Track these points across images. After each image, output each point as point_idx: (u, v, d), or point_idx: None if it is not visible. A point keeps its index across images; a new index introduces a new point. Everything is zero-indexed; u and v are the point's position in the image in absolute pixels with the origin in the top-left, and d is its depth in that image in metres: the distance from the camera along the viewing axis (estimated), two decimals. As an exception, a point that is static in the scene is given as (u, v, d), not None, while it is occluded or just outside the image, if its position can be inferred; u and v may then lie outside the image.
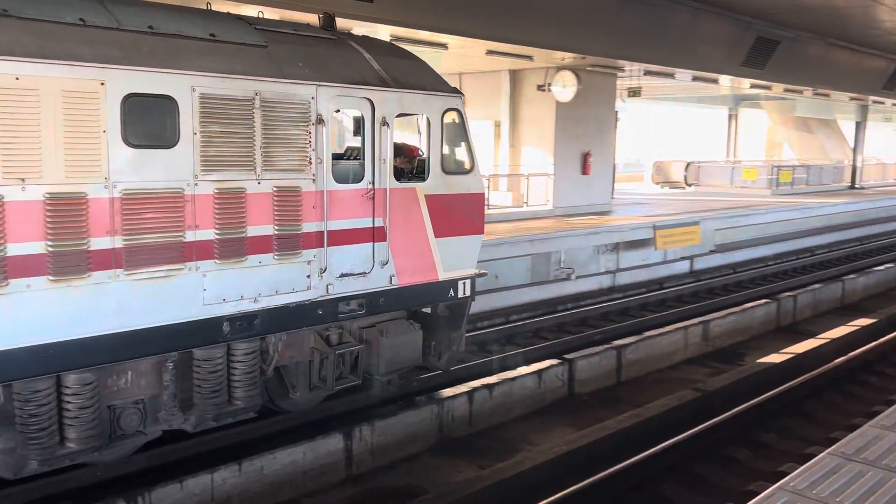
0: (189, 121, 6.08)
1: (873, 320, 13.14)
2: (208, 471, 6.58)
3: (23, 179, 5.31)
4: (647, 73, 19.31)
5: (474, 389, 8.69)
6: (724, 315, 12.53)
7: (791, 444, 8.34)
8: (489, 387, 8.82)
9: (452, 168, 8.20)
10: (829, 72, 23.07)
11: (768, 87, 24.75)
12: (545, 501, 6.45)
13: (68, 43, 5.55)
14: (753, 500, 4.31)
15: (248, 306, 6.57)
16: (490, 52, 15.55)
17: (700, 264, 18.20)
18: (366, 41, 8.03)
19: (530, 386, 9.28)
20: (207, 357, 6.49)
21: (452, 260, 8.20)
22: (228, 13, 7.20)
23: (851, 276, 16.53)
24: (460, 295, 8.35)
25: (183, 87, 6.03)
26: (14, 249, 5.29)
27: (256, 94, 6.44)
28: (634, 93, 20.79)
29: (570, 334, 12.07)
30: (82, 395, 5.84)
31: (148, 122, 5.92)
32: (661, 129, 52.60)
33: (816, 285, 15.30)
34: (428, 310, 8.38)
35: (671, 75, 20.16)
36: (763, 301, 13.65)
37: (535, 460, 7.27)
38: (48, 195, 5.42)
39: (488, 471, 7.14)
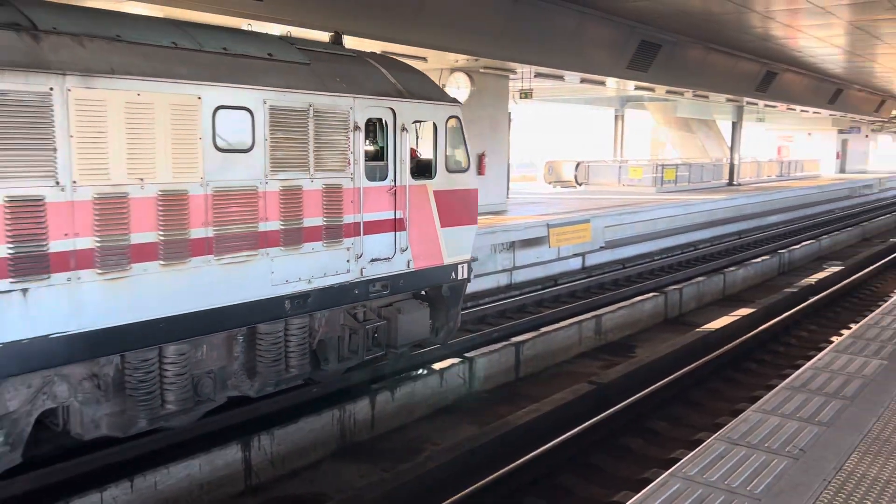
0: (261, 129, 7.15)
1: (752, 310, 13.91)
2: (97, 489, 6.27)
3: (142, 179, 6.29)
4: (538, 75, 19.73)
5: (376, 392, 8.65)
6: (615, 309, 12.96)
7: (681, 432, 8.72)
8: (391, 389, 8.80)
9: (454, 167, 9.42)
10: (708, 74, 24.26)
11: (652, 89, 25.75)
12: (447, 502, 6.49)
13: (170, 63, 6.55)
14: (647, 488, 4.47)
15: (303, 287, 7.69)
16: (385, 53, 15.50)
17: (591, 260, 18.76)
18: (379, 58, 9.18)
19: (432, 385, 9.32)
20: (271, 331, 7.54)
21: (454, 247, 9.48)
22: (275, 35, 8.45)
23: (731, 268, 17.43)
24: (460, 277, 9.67)
25: (257, 100, 7.10)
26: (136, 239, 6.28)
27: (310, 106, 7.57)
28: (526, 94, 21.19)
29: (469, 332, 12.20)
30: (178, 364, 6.84)
31: (231, 130, 6.93)
32: (553, 130, 53.93)
33: (700, 278, 16.05)
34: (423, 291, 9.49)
35: (561, 77, 20.69)
36: (651, 294, 14.21)
37: (439, 460, 7.30)
38: (160, 192, 6.41)
39: (391, 473, 7.12)
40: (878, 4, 16.09)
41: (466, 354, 10.09)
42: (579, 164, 33.41)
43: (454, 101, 9.48)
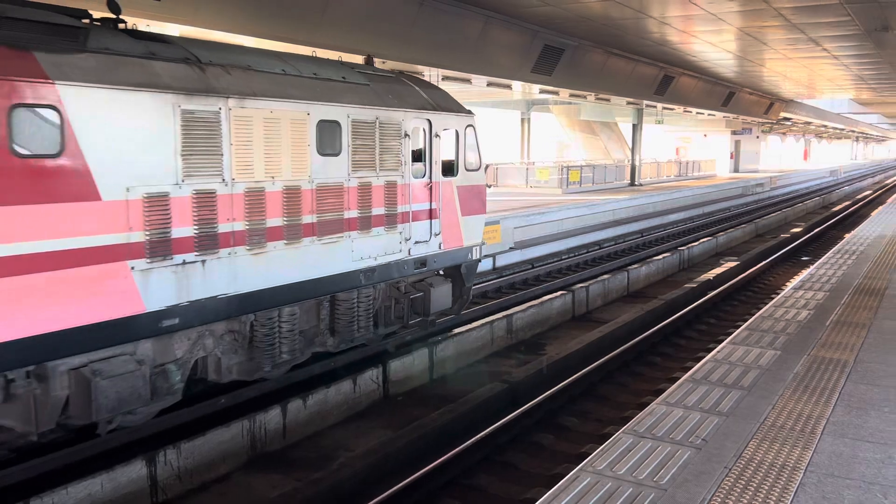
0: (346, 137, 8.93)
1: (655, 305, 14.39)
2: (-11, 516, 5.94)
3: (273, 177, 8.02)
4: (445, 78, 19.86)
5: (288, 400, 8.49)
6: (525, 308, 13.17)
7: (591, 426, 8.93)
8: (303, 396, 8.66)
9: (470, 166, 11.34)
10: (609, 78, 24.97)
11: (556, 93, 26.32)
12: (364, 507, 6.45)
13: (287, 87, 8.28)
14: (558, 484, 4.55)
15: (371, 263, 9.46)
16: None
17: (502, 261, 19.01)
18: (411, 77, 11.03)
19: (345, 391, 9.22)
20: (348, 298, 9.26)
21: (470, 232, 11.39)
22: (340, 61, 10.03)
23: (635, 265, 17.99)
24: (475, 257, 11.61)
25: (343, 114, 8.88)
26: (270, 223, 7.99)
27: (376, 119, 9.38)
28: (434, 97, 21.29)
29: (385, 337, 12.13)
30: (290, 322, 8.50)
31: (327, 138, 8.66)
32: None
33: (605, 276, 16.49)
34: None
35: (468, 81, 20.88)
36: (559, 293, 14.50)
37: (353, 466, 7.23)
38: (284, 187, 8.14)
39: (304, 482, 7.00)
40: (765, 12, 16.95)
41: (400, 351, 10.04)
42: (487, 167, 33.72)
43: (469, 112, 11.40)
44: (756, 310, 13.02)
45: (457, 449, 7.60)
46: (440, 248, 10.74)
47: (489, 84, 22.19)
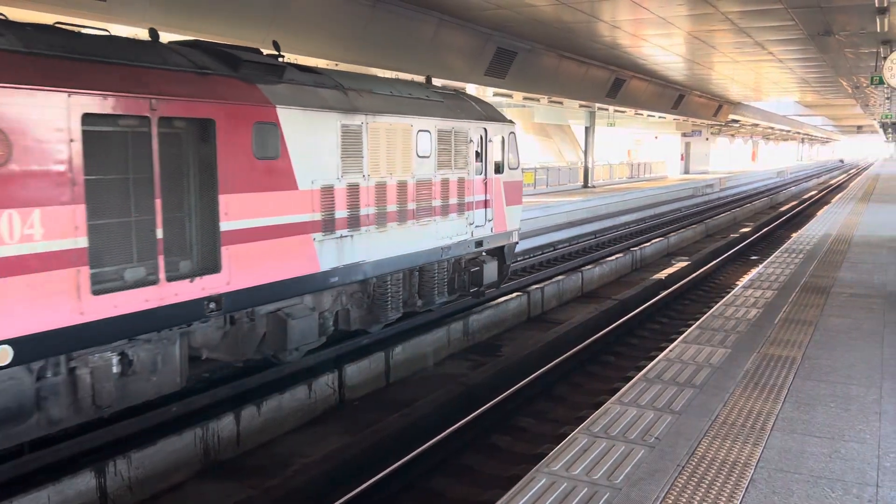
0: (434, 143, 11.29)
1: (609, 305, 14.54)
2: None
3: (391, 174, 10.35)
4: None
5: (241, 407, 8.36)
6: (481, 310, 13.19)
7: (547, 427, 8.97)
8: (257, 403, 8.53)
9: (512, 166, 13.70)
10: (561, 81, 25.21)
11: (510, 96, 26.46)
12: (320, 513, 6.39)
13: (397, 105, 10.59)
14: (515, 486, 4.55)
15: (447, 242, 11.82)
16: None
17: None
18: (468, 95, 13.73)
19: (300, 397, 9.12)
20: (431, 269, 11.68)
21: (511, 219, 13.77)
22: (418, 82, 12.90)
23: (589, 266, 18.17)
24: (514, 240, 14.07)
25: (432, 126, 11.26)
26: (389, 209, 10.32)
27: (452, 128, 11.78)
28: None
29: (340, 342, 12.03)
30: (396, 286, 10.82)
31: (422, 145, 11.01)
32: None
33: (560, 277, 16.62)
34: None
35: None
36: (515, 294, 14.57)
37: (309, 473, 7.14)
38: (397, 182, 10.48)
39: (259, 490, 6.89)
40: (713, 16, 17.29)
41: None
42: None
43: (511, 121, 13.83)
44: (707, 308, 13.25)
45: (413, 453, 7.57)
46: (491, 231, 13.16)
47: (443, 87, 22.24)
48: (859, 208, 24.36)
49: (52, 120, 6.30)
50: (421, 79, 14.75)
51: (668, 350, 7.57)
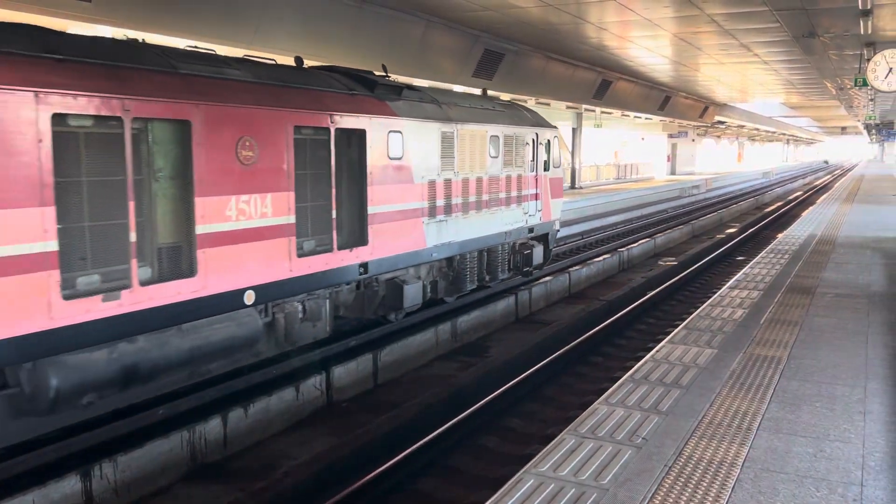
0: (501, 146, 13.64)
1: (596, 306, 14.58)
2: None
3: (472, 171, 12.76)
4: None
5: (228, 409, 8.32)
6: (470, 311, 13.20)
7: (535, 427, 8.99)
8: (244, 405, 8.50)
9: (555, 164, 16.25)
10: (549, 83, 25.27)
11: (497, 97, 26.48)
12: (308, 516, 6.39)
13: (476, 115, 13.02)
14: (503, 488, 4.56)
15: (509, 228, 14.16)
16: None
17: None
18: (519, 104, 16.19)
19: (288, 399, 9.09)
20: (496, 250, 14.04)
21: (554, 210, 16.29)
22: (481, 95, 15.13)
23: (576, 267, 18.23)
24: (556, 228, 16.68)
25: (500, 132, 13.62)
26: (470, 199, 12.68)
27: (515, 133, 14.12)
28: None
29: (326, 344, 12.00)
30: (473, 262, 13.22)
31: (493, 146, 13.37)
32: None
33: (547, 277, 16.66)
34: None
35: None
36: (503, 296, 14.58)
37: (296, 475, 7.13)
38: (475, 178, 12.87)
39: (246, 493, 6.87)
40: (699, 18, 17.38)
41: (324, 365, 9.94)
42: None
43: (555, 127, 16.49)
44: (693, 309, 13.31)
45: (401, 454, 7.56)
46: (539, 220, 15.56)
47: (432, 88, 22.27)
48: (844, 209, 24.55)
49: (278, 131, 8.78)
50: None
51: (654, 350, 7.60)
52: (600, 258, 19.85)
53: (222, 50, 13.56)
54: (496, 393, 9.40)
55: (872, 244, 15.67)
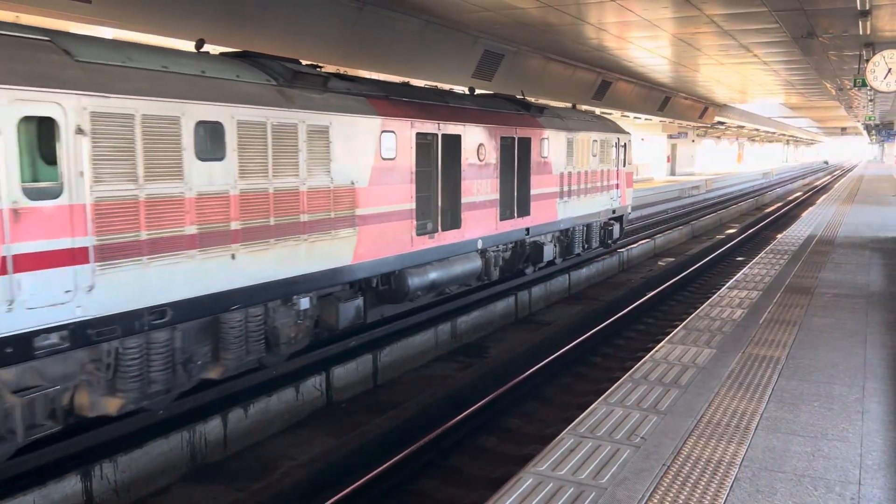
0: (598, 148, 18.39)
1: (596, 306, 14.58)
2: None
3: (581, 166, 17.52)
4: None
5: (228, 410, 8.34)
6: (470, 311, 13.21)
7: (534, 428, 9.00)
8: (244, 406, 8.51)
9: (629, 162, 20.72)
10: (548, 83, 25.26)
11: (497, 97, 26.46)
12: (308, 515, 6.42)
13: (584, 124, 18.04)
14: (502, 487, 4.57)
15: (600, 209, 18.77)
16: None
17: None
18: (604, 116, 20.70)
19: (288, 399, 9.11)
20: (592, 226, 18.58)
21: (628, 197, 20.75)
22: (573, 108, 20.62)
23: (575, 267, 18.21)
24: (629, 211, 21.22)
25: (597, 137, 18.30)
26: (580, 186, 17.69)
27: (605, 138, 18.70)
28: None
29: (327, 345, 12.01)
30: (579, 234, 18.01)
31: (594, 148, 18.02)
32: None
33: (547, 278, 16.66)
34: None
35: (407, 83, 20.82)
36: (503, 295, 14.58)
37: (296, 475, 7.14)
38: (582, 171, 17.54)
39: (246, 493, 6.88)
40: (698, 19, 17.39)
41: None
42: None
43: (629, 132, 20.76)
44: (693, 309, 13.31)
45: (400, 455, 7.57)
46: (619, 204, 20.16)
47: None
48: (843, 209, 24.55)
49: (494, 140, 13.88)
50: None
51: (654, 351, 7.61)
52: (600, 258, 19.85)
53: (221, 51, 13.58)
54: (496, 393, 9.41)
55: (871, 244, 15.68)
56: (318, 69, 10.08)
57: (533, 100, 16.13)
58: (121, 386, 7.27)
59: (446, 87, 19.57)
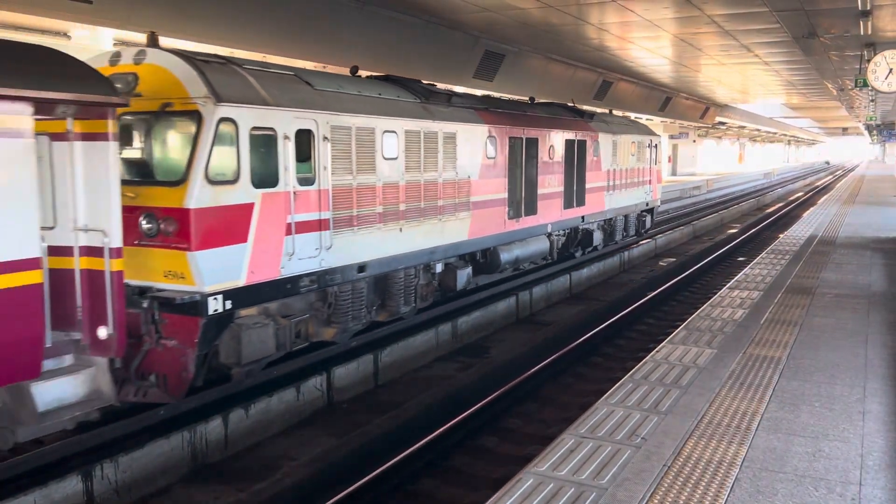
0: (636, 147, 21.23)
1: (597, 307, 14.57)
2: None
3: (622, 163, 20.17)
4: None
5: (229, 410, 8.34)
6: (470, 312, 13.21)
7: (534, 428, 9.00)
8: (245, 406, 8.51)
9: (659, 161, 23.40)
10: (549, 83, 25.25)
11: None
12: (309, 516, 6.43)
13: (624, 128, 20.78)
14: (503, 488, 4.57)
15: (636, 201, 21.50)
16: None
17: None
18: (637, 121, 24.85)
19: (289, 400, 9.11)
20: (629, 216, 21.52)
21: (658, 192, 23.50)
22: (610, 113, 22.30)
23: (577, 267, 18.20)
24: (658, 204, 23.98)
25: (636, 139, 21.25)
26: (621, 181, 20.40)
27: (640, 140, 21.57)
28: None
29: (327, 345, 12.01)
30: (619, 222, 20.94)
31: (632, 148, 21.00)
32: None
33: (549, 278, 16.65)
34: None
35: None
36: (503, 291, 14.58)
37: (296, 476, 7.14)
38: (624, 168, 20.37)
39: (247, 493, 6.88)
40: (699, 19, 17.38)
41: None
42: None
43: (658, 135, 23.16)
44: (694, 309, 13.29)
45: (401, 455, 7.57)
46: (651, 198, 22.89)
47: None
48: (844, 209, 24.53)
49: (560, 142, 16.72)
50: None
51: (654, 351, 7.61)
52: (601, 259, 19.84)
53: (223, 51, 13.60)
54: (496, 394, 9.40)
55: (873, 244, 15.66)
56: (434, 86, 13.27)
57: (572, 104, 19.02)
58: (335, 319, 10.11)
59: (448, 86, 19.58)
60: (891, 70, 16.85)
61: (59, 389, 6.68)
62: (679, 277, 17.77)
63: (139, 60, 8.38)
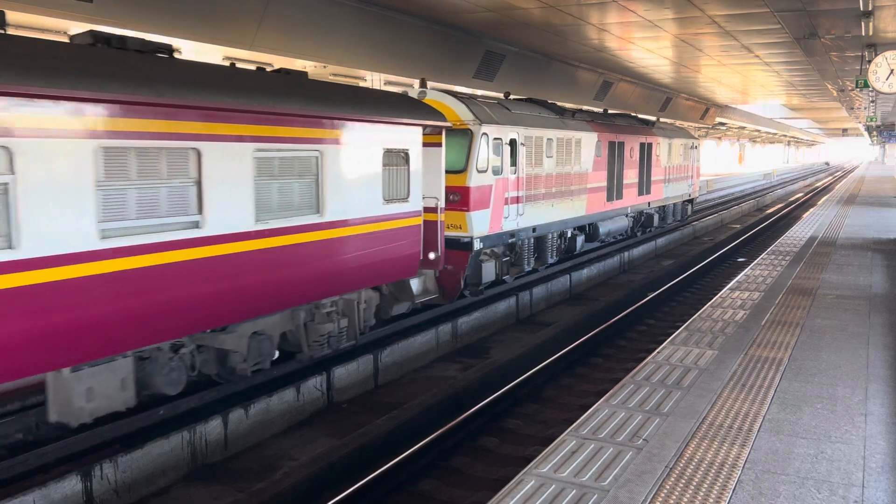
0: (682, 150, 26.59)
1: (596, 307, 14.56)
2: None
3: (673, 161, 25.69)
4: (388, 82, 19.80)
5: (229, 410, 8.32)
6: (470, 313, 13.19)
7: (535, 429, 8.98)
8: (245, 406, 8.50)
9: (698, 159, 29.15)
10: (550, 84, 25.24)
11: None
12: (309, 516, 6.44)
13: (672, 134, 25.87)
14: (503, 489, 4.55)
15: (681, 193, 26.78)
16: (228, 59, 15.02)
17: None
18: (673, 125, 29.99)
19: (289, 400, 9.09)
20: (677, 204, 27.13)
21: (697, 186, 29.39)
22: (657, 121, 27.06)
23: (577, 268, 18.19)
24: (696, 196, 29.47)
25: (682, 142, 26.57)
26: (674, 176, 26.01)
27: (685, 142, 26.80)
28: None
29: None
30: (671, 208, 27.01)
31: (679, 149, 26.15)
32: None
33: (549, 279, 16.64)
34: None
35: (411, 86, 20.81)
36: (503, 293, 14.56)
37: (296, 476, 7.12)
38: (674, 165, 25.72)
39: (246, 493, 6.86)
40: (699, 20, 17.37)
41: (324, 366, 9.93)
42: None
43: (698, 138, 29.42)
44: (694, 310, 13.30)
45: (401, 455, 7.56)
46: (692, 191, 27.70)
47: (431, 88, 22.26)
48: (845, 210, 24.52)
49: (636, 146, 22.18)
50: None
51: (656, 352, 7.58)
52: (601, 260, 19.82)
53: (222, 51, 13.58)
54: (497, 394, 9.39)
55: (873, 245, 15.65)
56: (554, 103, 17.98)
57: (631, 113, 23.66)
58: (517, 263, 15.18)
59: (448, 87, 19.59)
60: (892, 71, 16.84)
61: (417, 283, 11.87)
62: (679, 278, 17.75)
63: (422, 95, 13.42)
